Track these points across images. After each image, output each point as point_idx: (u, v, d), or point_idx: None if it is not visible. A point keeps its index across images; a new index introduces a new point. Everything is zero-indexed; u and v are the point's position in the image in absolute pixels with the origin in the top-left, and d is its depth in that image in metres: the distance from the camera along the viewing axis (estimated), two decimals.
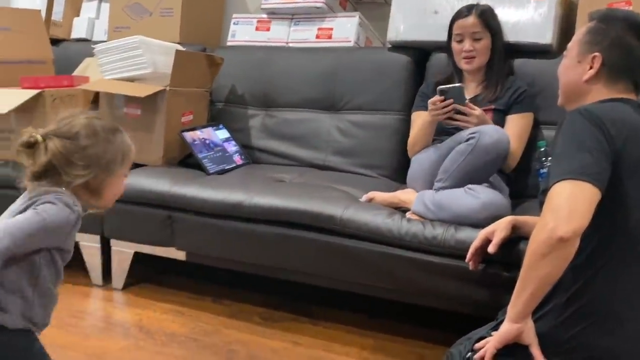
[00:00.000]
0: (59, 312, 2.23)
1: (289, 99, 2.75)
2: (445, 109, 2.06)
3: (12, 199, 2.61)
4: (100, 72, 2.67)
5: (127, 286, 2.48)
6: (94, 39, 3.38)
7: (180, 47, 2.69)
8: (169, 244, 2.33)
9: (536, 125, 2.28)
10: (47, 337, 2.05)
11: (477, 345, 1.47)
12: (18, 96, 2.46)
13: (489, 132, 1.92)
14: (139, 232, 2.36)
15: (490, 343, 1.44)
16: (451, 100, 2.05)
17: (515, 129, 2.20)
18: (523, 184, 2.24)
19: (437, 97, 2.08)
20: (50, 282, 1.32)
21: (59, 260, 1.32)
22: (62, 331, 2.12)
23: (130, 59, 2.57)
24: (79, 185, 1.30)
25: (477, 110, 2.07)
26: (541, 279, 1.29)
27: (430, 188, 2.03)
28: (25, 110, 2.48)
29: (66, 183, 1.29)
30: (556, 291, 1.35)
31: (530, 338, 1.40)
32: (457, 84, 2.12)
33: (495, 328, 1.51)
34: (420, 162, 2.17)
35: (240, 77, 2.88)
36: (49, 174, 1.28)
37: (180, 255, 2.33)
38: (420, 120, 2.32)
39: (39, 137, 1.27)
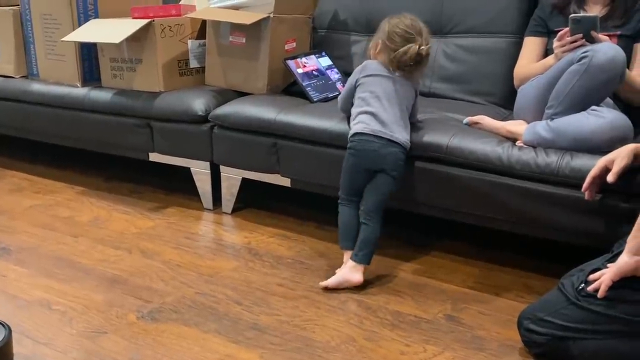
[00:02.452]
0: (175, 234, 2.38)
1: None
2: (573, 45, 1.93)
3: (126, 126, 2.76)
4: (206, 0, 2.70)
5: (235, 210, 2.57)
6: None
7: None
8: (275, 170, 2.38)
9: None
10: (164, 256, 2.19)
11: (592, 277, 1.44)
12: (129, 26, 2.54)
13: (603, 49, 1.80)
14: (246, 159, 2.43)
15: (607, 275, 1.40)
16: (580, 36, 1.92)
17: None
18: None
19: (564, 31, 1.95)
20: None
21: None
22: (178, 251, 2.24)
23: None
24: None
25: (607, 40, 1.92)
26: None
27: (541, 119, 1.94)
28: (137, 39, 2.56)
29: None
30: None
31: None
32: (592, 14, 1.98)
33: (611, 260, 1.46)
34: (527, 91, 2.07)
35: (343, 2, 2.82)
36: None
37: (285, 181, 2.38)
38: (533, 46, 2.20)
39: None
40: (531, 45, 2.23)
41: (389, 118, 1.96)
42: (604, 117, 1.79)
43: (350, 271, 1.95)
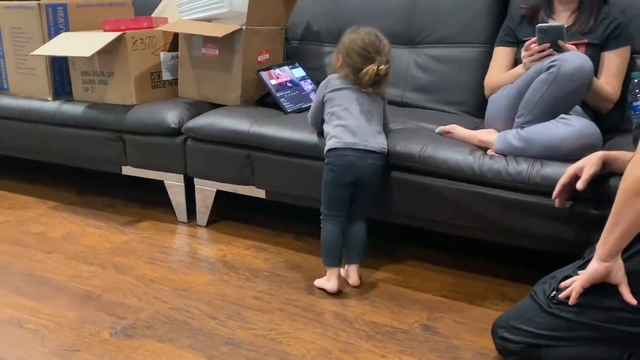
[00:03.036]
0: (149, 248, 2.36)
1: None
2: (540, 54, 1.96)
3: (98, 139, 2.73)
4: (178, 12, 2.69)
5: (210, 223, 2.56)
6: None
7: None
8: (249, 182, 2.37)
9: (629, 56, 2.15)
10: (138, 271, 2.17)
11: (563, 284, 1.45)
12: (100, 39, 2.52)
13: (571, 58, 1.82)
14: (221, 171, 2.42)
15: (577, 282, 1.41)
16: (547, 45, 1.95)
17: (612, 68, 2.08)
18: (614, 118, 2.13)
19: (531, 41, 1.98)
20: None
21: None
22: (152, 266, 2.22)
23: None
24: None
25: (574, 49, 1.95)
26: (635, 216, 1.24)
27: (511, 127, 1.96)
28: (108, 52, 2.54)
29: None
30: None
31: (619, 277, 1.36)
32: (557, 23, 2.01)
33: (582, 267, 1.47)
34: (498, 100, 2.09)
35: (316, 13, 2.83)
36: None
37: (260, 193, 2.37)
38: (503, 56, 2.23)
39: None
40: (501, 55, 2.25)
41: (361, 128, 1.97)
42: (573, 125, 1.82)
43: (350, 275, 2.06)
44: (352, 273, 2.05)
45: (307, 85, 2.65)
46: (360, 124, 1.97)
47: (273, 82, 2.52)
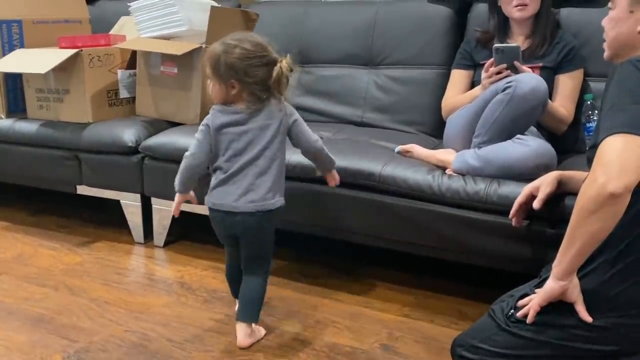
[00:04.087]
0: (103, 269, 2.30)
1: (326, 55, 2.71)
2: (498, 76, 2.00)
3: (53, 158, 2.66)
4: (137, 30, 2.66)
5: (167, 244, 2.51)
6: None
7: (215, 4, 2.65)
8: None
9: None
10: (92, 293, 2.11)
11: (521, 303, 1.46)
12: (56, 56, 2.47)
13: (525, 79, 1.87)
14: None
15: (534, 300, 1.42)
16: (504, 66, 1.99)
17: (566, 90, 2.13)
18: (568, 138, 2.18)
19: (490, 62, 2.02)
20: None
21: None
22: (107, 287, 2.16)
23: (166, 17, 2.55)
24: None
25: (530, 71, 2.00)
26: (590, 235, 1.25)
27: (469, 147, 1.98)
28: (64, 69, 2.49)
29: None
30: (605, 247, 1.31)
31: (575, 295, 1.37)
32: (514, 44, 2.06)
33: (539, 285, 1.48)
34: (455, 121, 2.11)
35: (276, 33, 2.80)
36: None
37: None
38: (459, 79, 2.26)
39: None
40: (458, 77, 2.29)
41: (235, 181, 1.74)
42: (529, 146, 1.85)
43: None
44: (238, 331, 1.80)
45: None
46: (235, 176, 1.73)
47: None
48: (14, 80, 2.70)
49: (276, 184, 1.76)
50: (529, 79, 1.87)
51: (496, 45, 2.03)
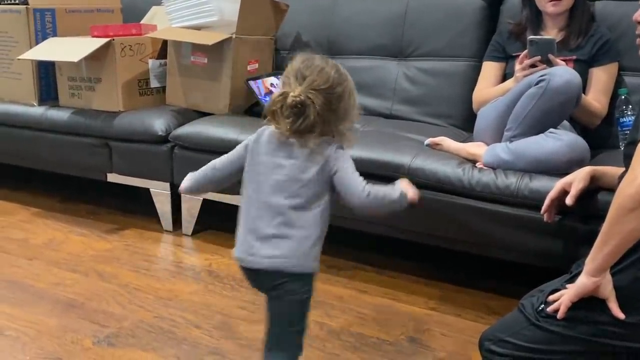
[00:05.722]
0: (133, 256, 2.33)
1: (355, 46, 2.69)
2: (533, 69, 1.98)
3: (84, 146, 2.68)
4: (168, 20, 2.68)
5: (196, 232, 2.53)
6: None
7: None
8: (236, 191, 2.33)
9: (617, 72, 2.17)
10: (122, 279, 2.14)
11: (551, 298, 1.44)
12: (88, 45, 2.50)
13: (560, 72, 1.84)
14: None
15: (566, 296, 1.41)
16: (538, 58, 1.97)
17: (600, 84, 2.10)
18: (601, 133, 2.15)
19: (524, 54, 2.00)
20: None
21: None
22: (136, 274, 2.19)
23: (197, 7, 2.56)
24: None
25: (564, 64, 1.97)
26: (626, 234, 1.23)
27: (500, 141, 1.96)
28: (96, 58, 2.52)
29: (332, 131, 1.37)
30: (638, 245, 1.29)
31: (608, 292, 1.36)
32: (549, 37, 2.03)
33: (570, 281, 1.47)
34: (487, 114, 2.09)
35: (306, 24, 2.83)
36: (317, 126, 1.32)
37: None
38: (492, 71, 2.24)
39: (304, 97, 1.31)
40: (490, 69, 2.26)
41: (261, 227, 1.36)
42: (561, 140, 1.83)
43: None
44: None
45: None
46: (263, 221, 1.35)
47: (262, 91, 2.51)
48: (47, 69, 2.73)
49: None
50: (562, 72, 1.85)
51: (531, 37, 2.00)
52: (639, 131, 1.24)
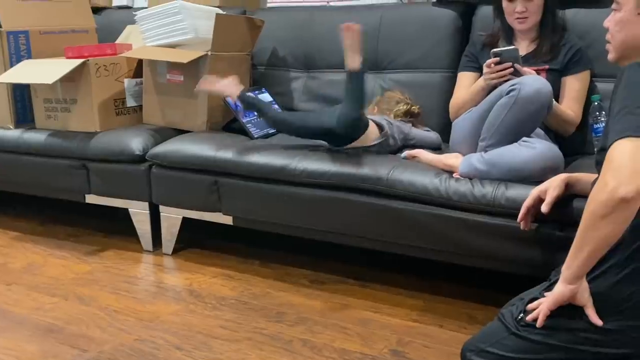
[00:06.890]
0: (113, 278, 2.31)
1: (331, 60, 2.70)
2: (501, 73, 2.00)
3: (61, 167, 2.67)
4: (142, 39, 2.68)
5: (176, 251, 2.52)
6: (135, 5, 3.39)
7: (220, 11, 2.67)
8: (216, 209, 2.35)
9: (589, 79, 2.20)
10: (101, 302, 2.12)
11: (530, 306, 1.45)
12: (63, 66, 2.49)
13: (530, 82, 1.86)
14: (187, 198, 2.39)
15: (544, 304, 1.41)
16: (509, 64, 1.99)
17: (573, 92, 2.13)
18: (575, 140, 2.17)
19: (492, 60, 2.02)
20: None
21: None
22: (116, 296, 2.17)
23: (172, 25, 2.56)
24: None
25: (533, 73, 1.99)
26: (600, 240, 1.24)
27: (475, 151, 1.98)
28: (71, 79, 2.51)
29: None
30: (614, 250, 1.30)
31: (585, 299, 1.37)
32: (511, 47, 2.05)
33: (548, 289, 1.48)
34: (461, 125, 2.11)
35: (281, 39, 2.84)
36: None
37: (227, 220, 2.35)
38: (467, 81, 2.26)
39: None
40: (465, 80, 2.28)
41: None
42: (534, 148, 1.84)
43: None
44: None
45: None
46: None
47: (239, 107, 2.51)
48: (22, 91, 2.72)
49: None
50: (532, 81, 1.86)
51: (494, 50, 2.03)
52: (609, 139, 1.25)
